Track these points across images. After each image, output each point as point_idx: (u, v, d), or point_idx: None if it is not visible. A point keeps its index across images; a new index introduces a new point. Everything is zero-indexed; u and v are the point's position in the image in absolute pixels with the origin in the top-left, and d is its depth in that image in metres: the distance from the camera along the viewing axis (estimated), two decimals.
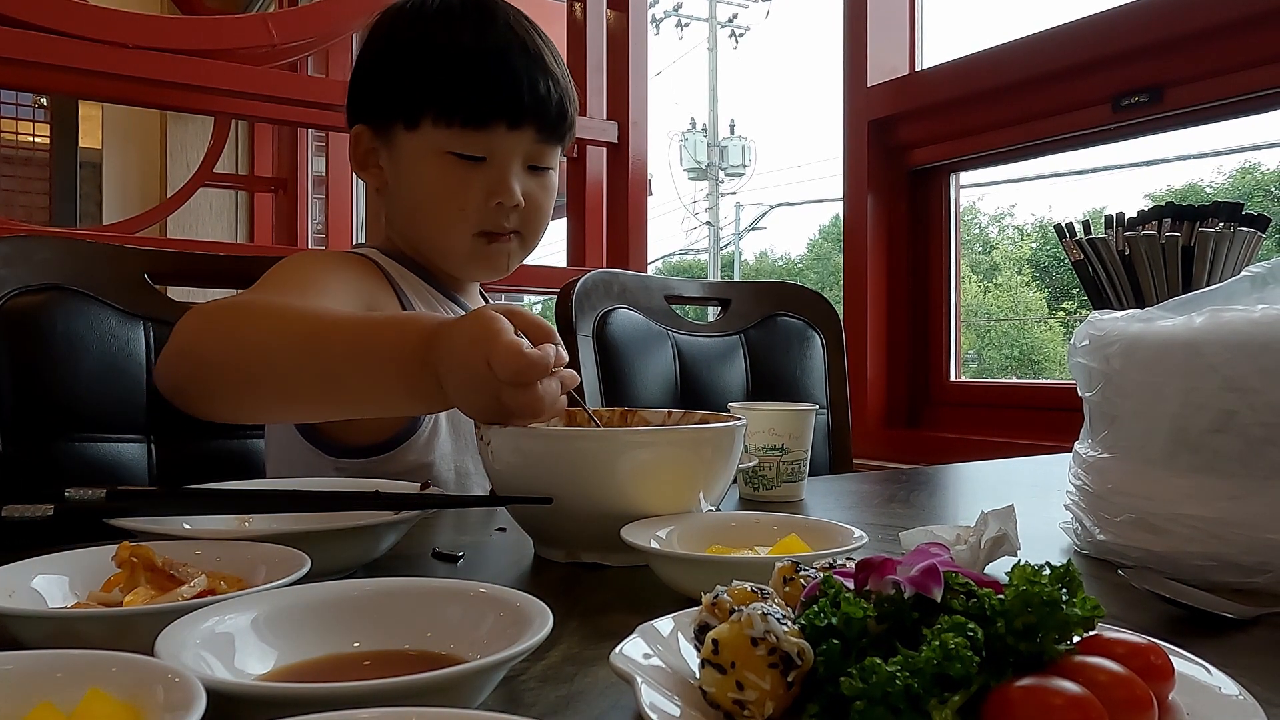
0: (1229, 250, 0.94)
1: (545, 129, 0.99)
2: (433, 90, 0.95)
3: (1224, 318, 0.66)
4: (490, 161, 0.97)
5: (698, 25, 16.07)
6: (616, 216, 2.69)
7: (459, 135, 0.95)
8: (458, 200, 0.97)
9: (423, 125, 0.96)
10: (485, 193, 0.97)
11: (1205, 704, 0.37)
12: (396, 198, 1.03)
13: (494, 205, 0.98)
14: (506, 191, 0.97)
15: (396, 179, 1.01)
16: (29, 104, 4.72)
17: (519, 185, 0.98)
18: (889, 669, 0.33)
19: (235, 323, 0.80)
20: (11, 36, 1.87)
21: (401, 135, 0.98)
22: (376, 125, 1.01)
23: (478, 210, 0.98)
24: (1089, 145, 1.88)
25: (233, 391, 0.81)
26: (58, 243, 1.05)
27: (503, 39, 0.96)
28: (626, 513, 0.67)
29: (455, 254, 1.02)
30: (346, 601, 0.47)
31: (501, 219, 0.99)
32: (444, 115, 0.95)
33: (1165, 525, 0.67)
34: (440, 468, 0.99)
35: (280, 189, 4.58)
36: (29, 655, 0.38)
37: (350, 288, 0.94)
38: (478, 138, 0.96)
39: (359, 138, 1.02)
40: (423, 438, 0.97)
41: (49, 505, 0.61)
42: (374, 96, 1.01)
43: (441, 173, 0.97)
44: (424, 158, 0.97)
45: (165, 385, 0.84)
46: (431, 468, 0.98)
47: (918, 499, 1.05)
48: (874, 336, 2.15)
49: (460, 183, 0.97)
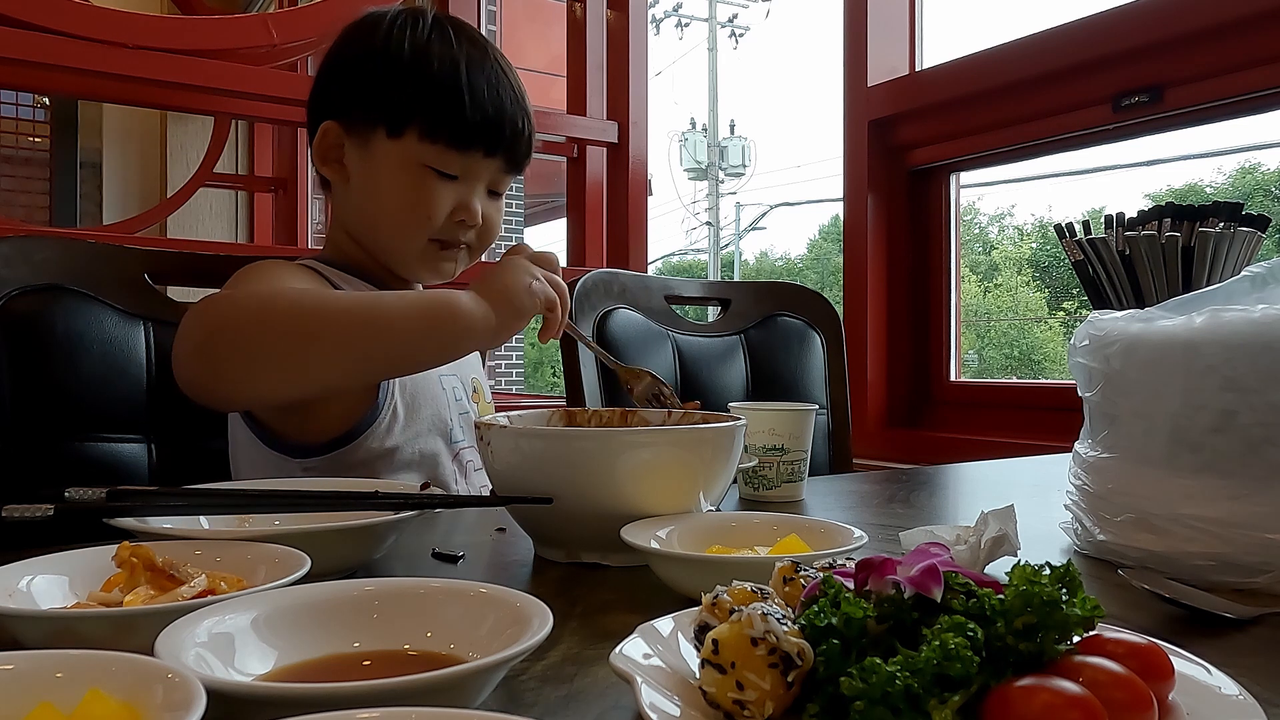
0: (1229, 250, 0.94)
1: (511, 161, 1.07)
2: (427, 107, 1.00)
3: (1224, 318, 0.66)
4: (461, 180, 1.03)
5: (698, 25, 16.08)
6: (616, 216, 2.69)
7: (439, 152, 1.01)
8: (425, 210, 1.02)
9: (406, 136, 1.01)
10: (451, 207, 1.03)
11: (1205, 704, 0.37)
12: (358, 195, 1.06)
13: (456, 221, 1.04)
14: (470, 211, 1.04)
15: (365, 179, 1.04)
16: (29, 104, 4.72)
17: (480, 206, 1.05)
18: (889, 669, 0.33)
19: (266, 296, 0.86)
20: (11, 36, 1.87)
21: (381, 140, 1.02)
22: (350, 125, 1.04)
23: (440, 221, 1.03)
24: (1089, 145, 1.88)
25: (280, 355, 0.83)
26: (58, 243, 1.05)
27: (493, 74, 1.04)
28: (626, 513, 0.67)
29: (407, 257, 1.07)
30: (346, 601, 0.47)
31: (459, 233, 1.05)
32: (430, 132, 1.00)
33: (1165, 525, 0.67)
34: (405, 451, 1.01)
35: (280, 189, 4.58)
36: (29, 655, 0.38)
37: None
38: (455, 158, 1.02)
39: (326, 132, 1.05)
40: (382, 426, 0.99)
41: (49, 505, 0.61)
42: (355, 98, 1.04)
43: (415, 183, 1.02)
44: (400, 166, 1.02)
45: (192, 371, 0.85)
46: (395, 453, 1.00)
47: (918, 499, 1.05)
48: (874, 336, 2.15)
49: (430, 195, 1.02)
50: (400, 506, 0.66)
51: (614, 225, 2.69)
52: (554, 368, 10.42)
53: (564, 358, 1.37)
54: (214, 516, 0.70)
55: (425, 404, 1.04)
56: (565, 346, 1.37)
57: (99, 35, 1.96)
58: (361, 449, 0.98)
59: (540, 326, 0.94)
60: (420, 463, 1.03)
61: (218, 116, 3.57)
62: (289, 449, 0.98)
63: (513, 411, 0.88)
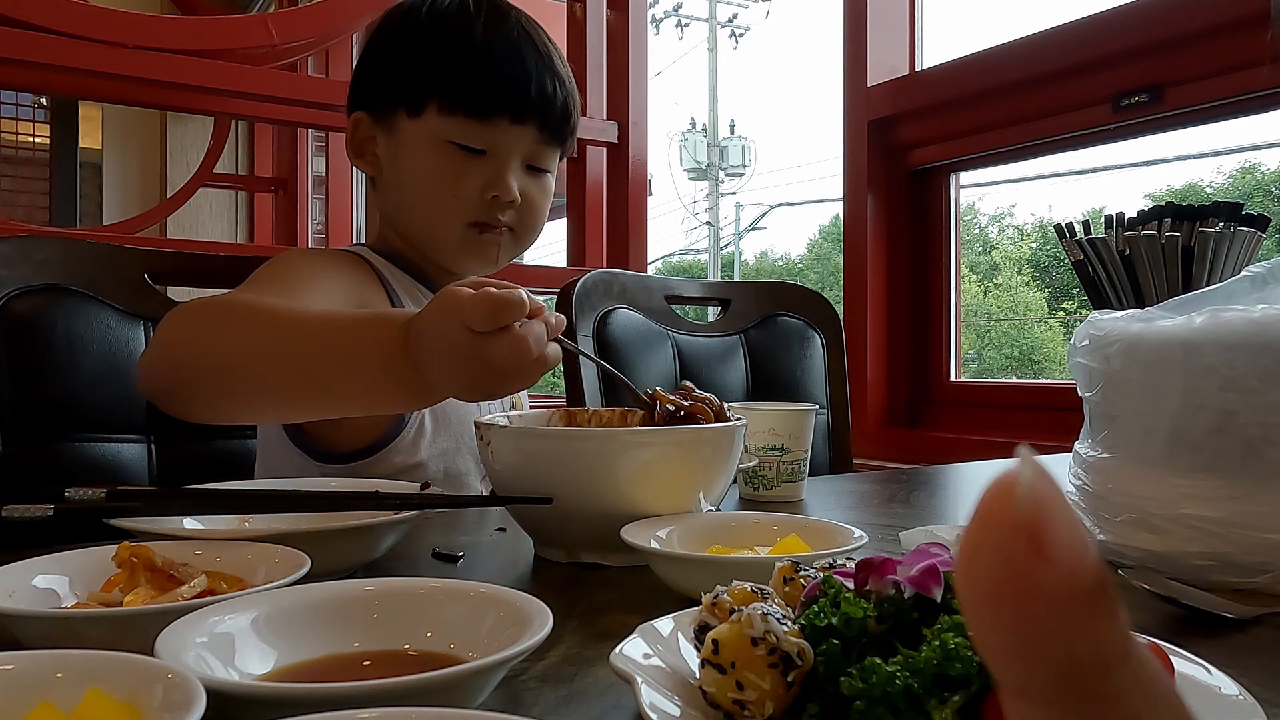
0: (1229, 250, 0.94)
1: (547, 128, 0.99)
2: (440, 77, 0.96)
3: (1224, 318, 0.66)
4: (490, 155, 0.98)
5: (698, 25, 16.08)
6: (616, 216, 2.69)
7: (462, 125, 0.96)
8: (454, 189, 0.97)
9: (426, 112, 0.97)
10: (482, 185, 0.98)
11: (1205, 704, 0.37)
12: (392, 186, 1.03)
13: (489, 198, 0.98)
14: (503, 186, 0.98)
15: (394, 166, 1.01)
16: (29, 104, 4.72)
17: (516, 182, 0.99)
18: (889, 669, 0.33)
19: (213, 323, 0.79)
20: (11, 36, 1.87)
21: (403, 122, 0.99)
22: (377, 112, 1.01)
23: (473, 201, 0.98)
24: (1089, 145, 1.88)
25: (209, 392, 0.79)
26: (58, 243, 1.05)
27: (513, 36, 0.98)
28: (626, 513, 0.67)
29: (446, 243, 1.02)
30: (346, 601, 0.47)
31: (497, 212, 0.99)
32: (449, 103, 0.96)
33: (1165, 525, 0.67)
34: (431, 468, 0.99)
35: (280, 189, 4.58)
36: (29, 655, 0.38)
37: (339, 286, 0.95)
38: (480, 130, 0.97)
39: (358, 124, 1.02)
40: (408, 438, 0.97)
41: (49, 505, 0.61)
42: (379, 83, 1.01)
43: (440, 161, 0.97)
44: (424, 145, 0.98)
45: (146, 387, 0.83)
46: (421, 469, 0.98)
47: (918, 499, 1.05)
48: (874, 336, 2.15)
49: (458, 172, 0.97)
50: (400, 506, 0.66)
51: (614, 225, 2.69)
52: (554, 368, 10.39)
53: (564, 358, 1.37)
54: (214, 516, 0.70)
55: (456, 418, 1.01)
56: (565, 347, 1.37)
57: (99, 35, 1.96)
58: (385, 462, 0.96)
59: None
60: (445, 483, 1.00)
61: (218, 116, 3.56)
62: (313, 452, 0.96)
63: (513, 412, 0.88)
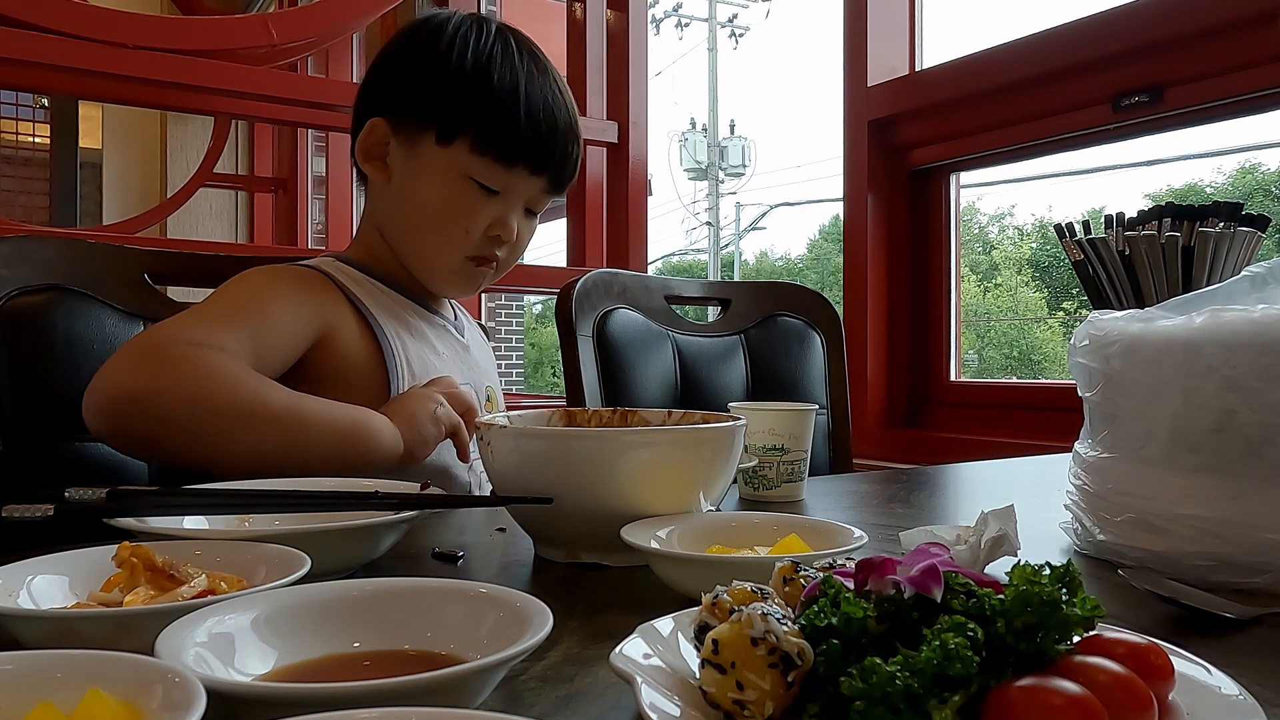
0: (1229, 250, 0.94)
1: (555, 183, 1.06)
2: (483, 119, 1.00)
3: (1224, 318, 0.66)
4: (502, 196, 1.03)
5: (698, 25, 16.08)
6: (616, 216, 2.69)
7: (486, 166, 1.01)
8: (464, 223, 1.03)
9: (455, 144, 1.00)
10: (489, 223, 1.03)
11: (1205, 704, 0.37)
12: (399, 199, 1.05)
13: (491, 236, 1.04)
14: (506, 228, 1.04)
15: (407, 182, 1.03)
16: (29, 104, 4.72)
17: (516, 223, 1.05)
18: (889, 669, 0.33)
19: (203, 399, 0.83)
20: (11, 36, 1.87)
21: (429, 145, 1.01)
22: (400, 124, 1.03)
23: (478, 237, 1.04)
24: (1089, 145, 1.88)
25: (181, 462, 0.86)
26: (58, 243, 1.05)
27: (552, 94, 1.03)
28: (626, 513, 0.67)
29: (441, 269, 1.07)
30: (346, 601, 0.47)
31: (494, 248, 1.05)
32: (480, 144, 1.00)
33: (1165, 525, 0.67)
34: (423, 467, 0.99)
35: (280, 189, 4.59)
36: (29, 655, 0.38)
37: (299, 308, 0.96)
38: (500, 173, 1.02)
39: (374, 129, 1.03)
40: None
41: (49, 505, 0.61)
42: (409, 99, 1.02)
43: (458, 193, 1.02)
44: (445, 174, 1.01)
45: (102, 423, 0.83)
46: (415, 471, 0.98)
47: (918, 499, 1.05)
48: (874, 336, 2.15)
49: (472, 209, 1.02)
50: (400, 506, 0.66)
51: (614, 225, 2.69)
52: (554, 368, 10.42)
53: (564, 358, 1.37)
54: (214, 516, 0.70)
55: None
56: (565, 347, 1.37)
57: (99, 35, 1.96)
58: None
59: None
60: (431, 474, 1.00)
61: (218, 116, 3.57)
62: None
63: (513, 411, 0.88)
